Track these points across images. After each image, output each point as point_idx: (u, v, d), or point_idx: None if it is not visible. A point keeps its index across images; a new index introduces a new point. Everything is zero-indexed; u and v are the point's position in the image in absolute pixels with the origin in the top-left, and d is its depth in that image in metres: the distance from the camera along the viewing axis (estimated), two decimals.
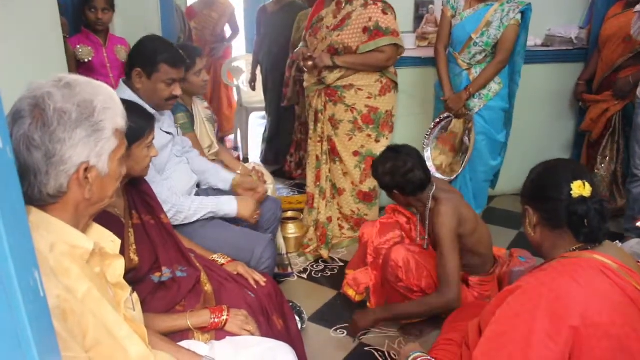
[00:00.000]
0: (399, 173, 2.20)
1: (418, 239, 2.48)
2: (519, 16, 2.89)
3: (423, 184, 2.23)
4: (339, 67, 2.98)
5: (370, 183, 3.16)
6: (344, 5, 3.00)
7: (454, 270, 2.09)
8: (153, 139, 1.79)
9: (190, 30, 4.47)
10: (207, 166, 2.53)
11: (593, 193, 1.35)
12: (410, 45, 3.68)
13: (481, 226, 2.34)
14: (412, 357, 1.64)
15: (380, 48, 2.91)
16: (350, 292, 2.55)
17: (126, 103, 1.72)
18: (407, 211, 2.64)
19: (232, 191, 2.50)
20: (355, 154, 3.14)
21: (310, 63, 3.02)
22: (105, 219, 1.52)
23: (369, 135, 3.10)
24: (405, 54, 3.54)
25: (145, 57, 2.14)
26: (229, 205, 2.26)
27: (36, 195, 1.06)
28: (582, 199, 1.35)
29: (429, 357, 1.64)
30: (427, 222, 2.27)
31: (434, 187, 2.27)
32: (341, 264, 3.13)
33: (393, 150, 2.30)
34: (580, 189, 1.35)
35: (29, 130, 1.03)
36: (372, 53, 2.93)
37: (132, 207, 1.75)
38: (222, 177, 2.52)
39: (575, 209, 1.35)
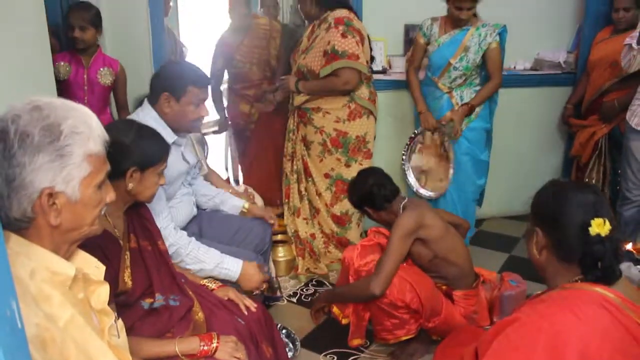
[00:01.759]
0: (363, 189, 2.46)
1: None
2: (497, 38, 3.03)
3: (387, 197, 2.43)
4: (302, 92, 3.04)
5: (342, 207, 3.15)
6: (316, 28, 3.04)
7: (390, 267, 2.22)
8: (165, 167, 1.80)
9: (182, 52, 4.42)
10: (215, 191, 2.59)
11: (611, 231, 1.26)
12: (400, 68, 3.70)
13: (451, 235, 2.42)
14: None
15: (337, 72, 2.88)
16: (336, 311, 2.51)
17: (148, 129, 1.78)
18: (388, 232, 2.62)
19: (241, 216, 2.59)
20: (326, 176, 3.14)
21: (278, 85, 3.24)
22: (105, 239, 1.51)
23: (339, 159, 3.09)
24: (395, 77, 3.58)
25: (173, 81, 2.15)
26: (230, 269, 2.11)
27: (4, 219, 1.04)
28: (599, 238, 1.26)
29: None
30: None
31: (405, 200, 2.44)
32: (331, 287, 3.09)
33: (358, 173, 2.59)
34: (599, 227, 1.25)
35: None
36: (329, 77, 2.92)
37: (130, 230, 1.73)
38: (231, 204, 2.56)
39: (591, 249, 1.26)
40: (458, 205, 3.27)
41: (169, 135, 2.14)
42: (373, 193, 2.42)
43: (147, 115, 2.15)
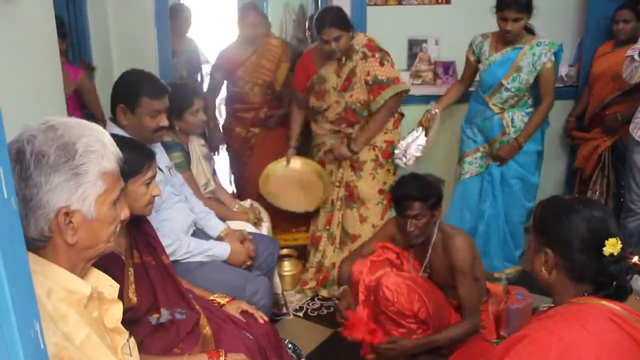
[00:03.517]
0: (438, 187, 2.36)
1: (411, 271, 2.48)
2: (552, 57, 2.90)
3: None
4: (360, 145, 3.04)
5: (391, 214, 3.09)
6: (344, 61, 3.00)
7: (477, 300, 2.29)
8: (153, 176, 1.76)
9: (199, 65, 4.28)
10: (199, 209, 2.48)
11: (622, 249, 1.27)
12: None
13: (477, 259, 2.41)
14: None
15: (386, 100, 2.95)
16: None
17: (123, 139, 1.73)
18: (396, 247, 2.62)
19: (250, 231, 2.57)
20: (380, 192, 3.13)
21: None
22: (106, 257, 1.51)
23: (389, 170, 3.12)
24: None
25: (127, 93, 2.13)
26: (222, 248, 2.30)
27: None
28: (613, 258, 1.26)
29: None
30: (428, 254, 2.36)
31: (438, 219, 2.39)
32: (337, 302, 3.09)
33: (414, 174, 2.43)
34: (613, 247, 1.26)
35: None
36: (378, 115, 2.98)
37: (133, 247, 1.74)
38: (212, 225, 2.47)
39: (607, 269, 1.27)
40: (506, 227, 3.21)
41: None
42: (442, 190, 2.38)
43: (111, 132, 2.13)
